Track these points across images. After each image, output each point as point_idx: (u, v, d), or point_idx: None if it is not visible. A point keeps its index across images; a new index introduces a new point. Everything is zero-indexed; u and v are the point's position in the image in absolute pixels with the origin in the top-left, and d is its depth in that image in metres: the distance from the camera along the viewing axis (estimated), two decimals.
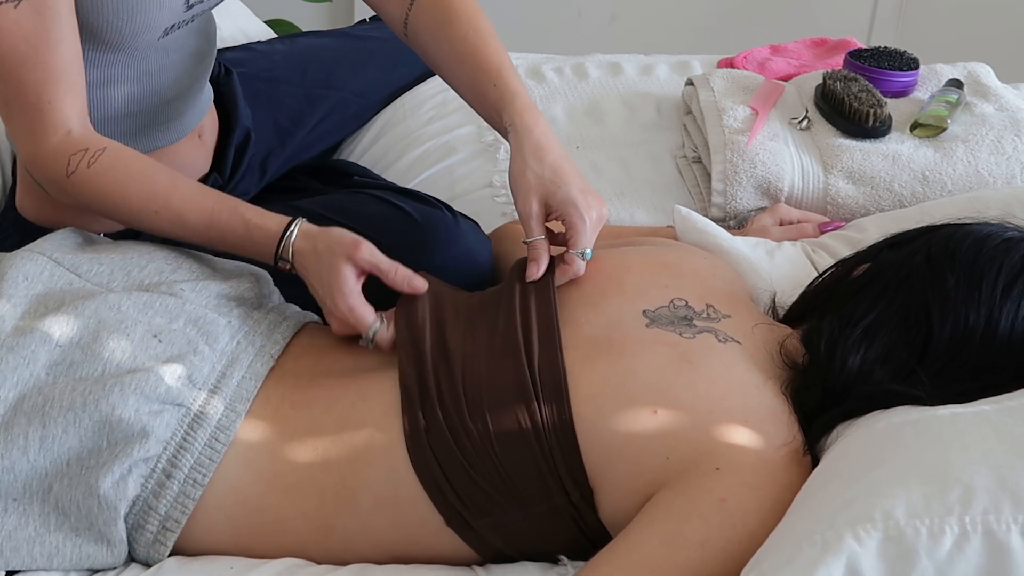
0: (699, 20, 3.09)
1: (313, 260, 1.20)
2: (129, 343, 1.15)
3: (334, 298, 1.18)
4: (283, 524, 1.11)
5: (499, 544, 1.09)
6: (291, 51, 1.75)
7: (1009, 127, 1.62)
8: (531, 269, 1.20)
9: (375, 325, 1.18)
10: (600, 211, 1.21)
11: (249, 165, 1.57)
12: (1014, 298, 1.09)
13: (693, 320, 1.15)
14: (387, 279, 1.20)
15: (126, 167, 1.24)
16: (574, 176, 1.21)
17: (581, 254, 1.19)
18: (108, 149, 1.23)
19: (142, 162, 1.26)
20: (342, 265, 1.18)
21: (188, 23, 1.36)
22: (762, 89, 1.70)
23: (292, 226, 1.22)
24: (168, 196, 1.23)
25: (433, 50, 1.35)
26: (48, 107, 1.22)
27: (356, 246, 1.19)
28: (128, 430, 1.09)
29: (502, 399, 1.08)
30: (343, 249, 1.19)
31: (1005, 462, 0.90)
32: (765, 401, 1.08)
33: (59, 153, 1.22)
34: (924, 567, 0.86)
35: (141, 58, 1.34)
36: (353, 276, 1.19)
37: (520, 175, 1.22)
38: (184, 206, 1.23)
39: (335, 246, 1.19)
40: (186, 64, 1.41)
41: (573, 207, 1.19)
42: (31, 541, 1.08)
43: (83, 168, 1.22)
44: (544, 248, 1.21)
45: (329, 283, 1.19)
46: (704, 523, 1.00)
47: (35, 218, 1.41)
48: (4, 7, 1.18)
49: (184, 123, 1.45)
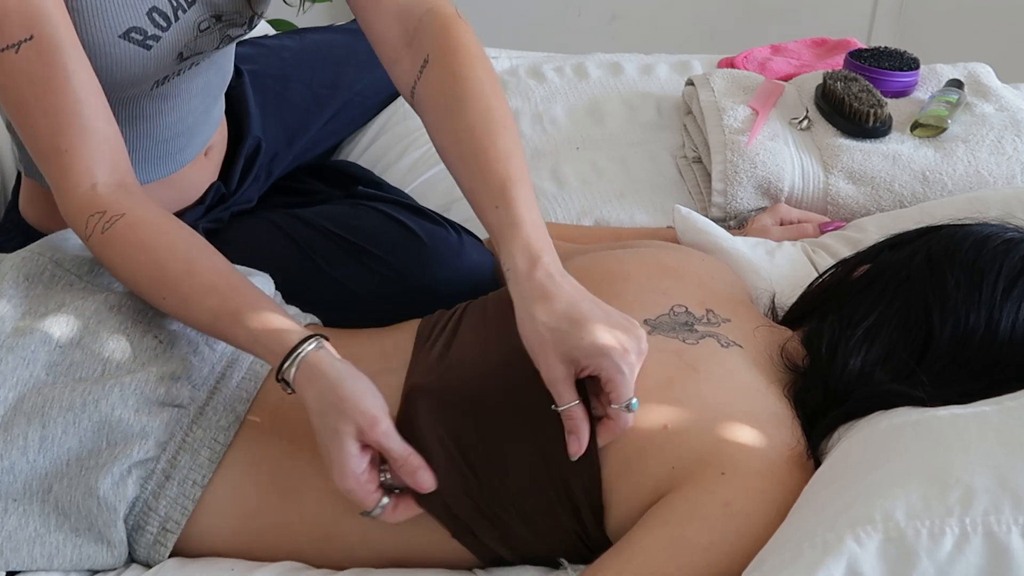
0: (699, 20, 3.10)
1: (317, 413, 1.04)
2: (129, 344, 1.15)
3: (332, 470, 1.03)
4: (282, 527, 1.11)
5: (502, 552, 1.09)
6: (300, 48, 1.74)
7: (1009, 127, 1.62)
8: (572, 445, 1.02)
9: (381, 504, 1.04)
10: (639, 346, 1.02)
11: (256, 174, 1.55)
12: (1014, 299, 1.09)
13: (694, 326, 1.15)
14: (394, 466, 1.04)
15: (139, 241, 1.13)
16: (594, 315, 1.02)
17: (626, 407, 1.01)
18: (126, 216, 1.13)
19: (161, 237, 1.14)
20: (347, 440, 1.02)
21: (187, 70, 1.31)
22: (762, 89, 1.70)
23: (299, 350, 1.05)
24: (177, 285, 1.12)
25: (436, 133, 1.19)
26: (66, 155, 1.13)
27: (373, 424, 1.02)
28: (127, 431, 1.09)
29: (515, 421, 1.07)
30: (355, 422, 1.02)
31: (1005, 463, 0.90)
32: (769, 405, 1.08)
33: (80, 212, 1.14)
34: (924, 568, 0.86)
35: (133, 106, 1.29)
36: (357, 451, 1.02)
37: (532, 333, 1.02)
38: (191, 298, 1.11)
39: (346, 412, 1.02)
40: (188, 104, 1.36)
41: (605, 358, 1.00)
42: (31, 541, 1.08)
43: (97, 233, 1.13)
44: (580, 417, 1.02)
45: (330, 452, 1.03)
46: (708, 527, 1.00)
47: (38, 225, 1.41)
48: (5, 54, 1.11)
49: (187, 154, 1.41)
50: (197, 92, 1.36)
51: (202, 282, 1.11)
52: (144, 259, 1.12)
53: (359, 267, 1.38)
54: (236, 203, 1.50)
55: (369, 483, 1.03)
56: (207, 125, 1.44)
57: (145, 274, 1.13)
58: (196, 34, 1.26)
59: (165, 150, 1.37)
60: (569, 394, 1.02)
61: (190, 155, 1.42)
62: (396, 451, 1.03)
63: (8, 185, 1.58)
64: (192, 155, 1.42)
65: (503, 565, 1.10)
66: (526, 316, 1.03)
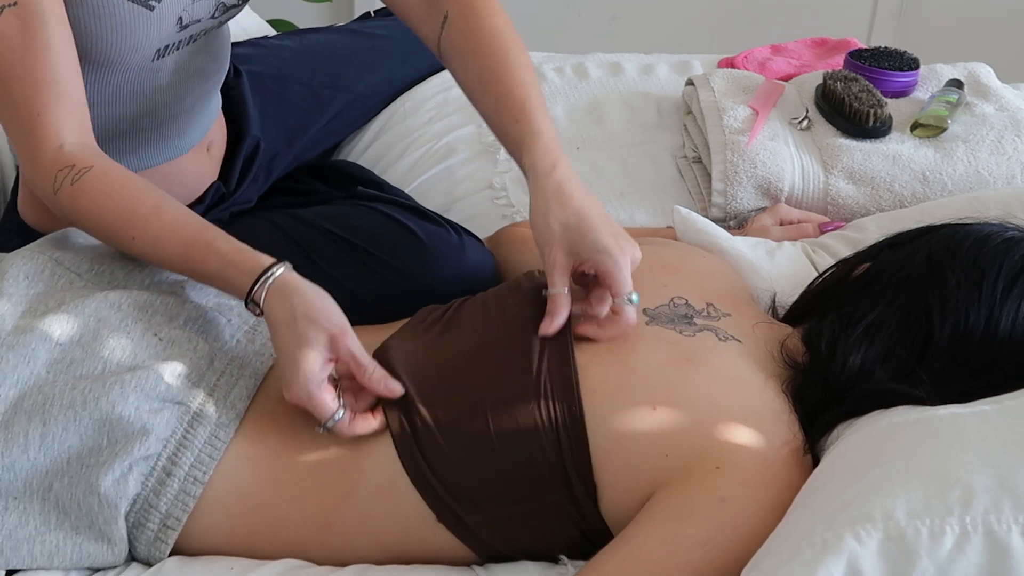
0: (699, 20, 3.10)
1: (284, 323, 1.09)
2: (129, 341, 1.15)
3: (294, 375, 1.07)
4: (284, 521, 1.11)
5: (495, 542, 1.09)
6: (299, 49, 1.74)
7: (1009, 127, 1.62)
8: (546, 322, 1.11)
9: (336, 415, 1.08)
10: (634, 254, 1.12)
11: (255, 174, 1.56)
12: (1014, 298, 1.09)
13: (693, 318, 1.15)
14: (362, 377, 1.09)
15: (108, 188, 1.17)
16: (604, 222, 1.12)
17: (629, 299, 1.10)
18: (95, 168, 1.17)
19: (128, 186, 1.18)
20: (315, 346, 1.07)
21: (187, 43, 1.33)
22: (762, 89, 1.70)
23: (270, 272, 1.11)
24: (147, 223, 1.16)
25: (461, 78, 1.30)
26: (38, 119, 1.17)
27: (343, 332, 1.08)
28: (128, 428, 1.09)
29: (506, 395, 1.08)
30: (322, 328, 1.07)
31: (1005, 462, 0.90)
32: (766, 400, 1.08)
33: (49, 168, 1.18)
34: (925, 567, 0.86)
35: (134, 79, 1.31)
36: (322, 360, 1.07)
37: (543, 224, 1.12)
38: (161, 235, 1.16)
39: (318, 320, 1.08)
40: (187, 84, 1.37)
41: (606, 254, 1.10)
42: (31, 540, 1.08)
43: (66, 186, 1.17)
44: (564, 302, 1.11)
45: (294, 357, 1.07)
46: (705, 523, 1.00)
47: (35, 225, 1.41)
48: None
49: (186, 140, 1.42)
50: (195, 73, 1.37)
51: (173, 218, 1.17)
52: (113, 204, 1.17)
53: (359, 267, 1.38)
54: (236, 203, 1.50)
55: (328, 392, 1.08)
56: (205, 114, 1.44)
57: (114, 217, 1.17)
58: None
59: (163, 133, 1.38)
60: (562, 281, 1.12)
61: (190, 141, 1.42)
62: (363, 360, 1.09)
63: (7, 185, 1.58)
64: (190, 143, 1.43)
65: (502, 561, 1.11)
66: (542, 209, 1.13)
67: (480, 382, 1.10)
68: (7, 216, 1.47)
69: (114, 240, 1.19)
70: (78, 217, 1.19)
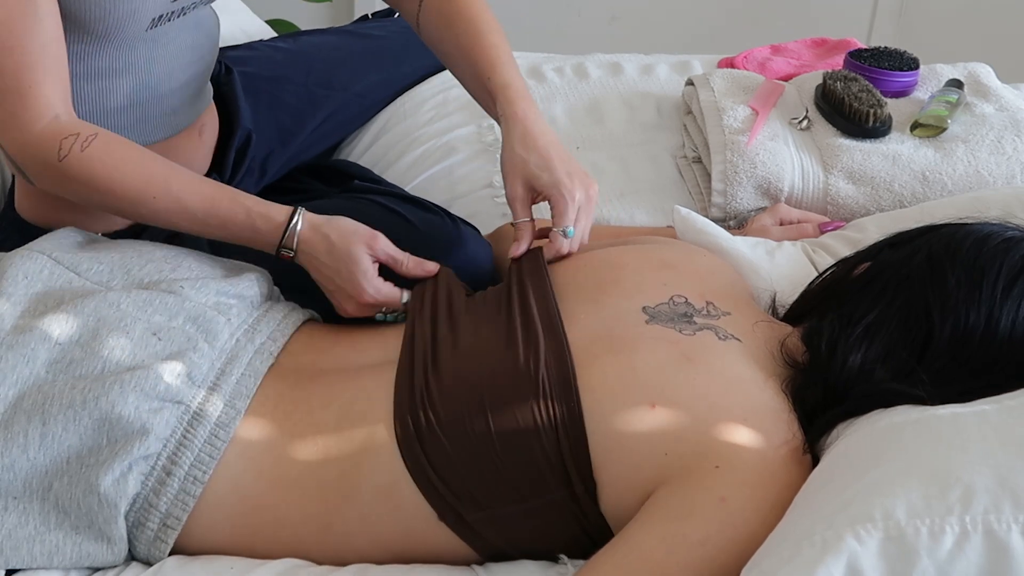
0: (699, 20, 3.10)
1: (325, 249, 1.24)
2: (129, 341, 1.15)
3: (359, 283, 1.24)
4: (284, 521, 1.11)
5: (496, 540, 1.09)
6: (294, 50, 1.75)
7: (1009, 127, 1.62)
8: (513, 247, 1.26)
9: (405, 295, 1.25)
10: (587, 191, 1.26)
11: (249, 166, 1.56)
12: (1014, 297, 1.09)
13: (693, 317, 1.15)
14: (400, 269, 1.27)
15: (121, 152, 1.23)
16: (562, 160, 1.26)
17: (563, 232, 1.25)
18: (100, 135, 1.22)
19: (136, 149, 1.25)
20: (362, 253, 1.24)
21: (179, 15, 1.35)
22: (762, 89, 1.70)
23: (296, 215, 1.25)
24: (167, 181, 1.23)
25: (439, 47, 1.42)
26: (29, 91, 1.20)
27: (375, 237, 1.25)
28: (128, 428, 1.09)
29: (506, 395, 1.08)
30: (361, 239, 1.24)
31: (1005, 462, 0.90)
32: (765, 399, 1.08)
33: (48, 137, 1.21)
34: (925, 566, 0.86)
35: (129, 50, 1.33)
36: (372, 264, 1.25)
37: (508, 161, 1.27)
38: (183, 192, 1.24)
39: (351, 236, 1.24)
40: (180, 58, 1.39)
41: (556, 188, 1.24)
42: (31, 539, 1.08)
43: (76, 152, 1.20)
44: (527, 228, 1.27)
45: (350, 270, 1.24)
46: (704, 522, 1.00)
47: (33, 218, 1.41)
48: None
49: (180, 119, 1.44)
50: (187, 48, 1.40)
51: (190, 176, 1.26)
52: (129, 167, 1.23)
53: None
54: None
55: (388, 284, 1.25)
56: (198, 96, 1.46)
57: (132, 180, 1.23)
58: None
59: (159, 109, 1.39)
60: (523, 212, 1.28)
61: (183, 120, 1.44)
62: (399, 255, 1.27)
63: (5, 185, 1.58)
64: (184, 122, 1.44)
65: (502, 560, 1.11)
66: (508, 146, 1.28)
67: (479, 380, 1.10)
68: (3, 215, 1.48)
69: (133, 202, 1.24)
70: (90, 181, 1.22)
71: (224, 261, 1.30)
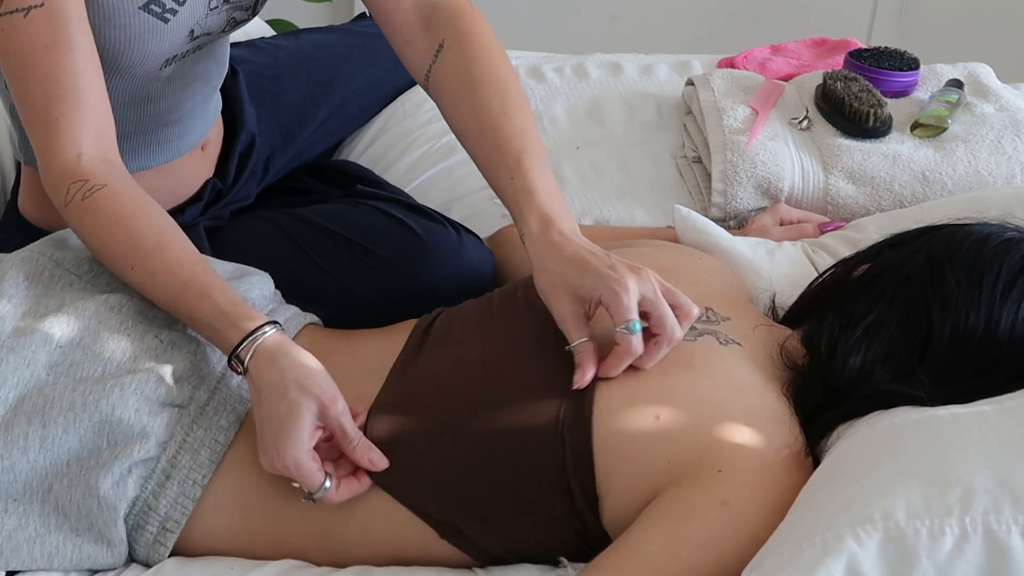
0: (699, 20, 3.09)
1: (272, 387, 1.07)
2: (130, 344, 1.15)
3: (283, 444, 1.05)
4: (282, 526, 1.11)
5: (496, 550, 1.09)
6: (295, 48, 1.74)
7: (1009, 127, 1.62)
8: (577, 375, 1.07)
9: (325, 486, 1.06)
10: (639, 274, 1.07)
11: (252, 170, 1.56)
12: (1014, 298, 1.09)
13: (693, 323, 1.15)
14: (347, 446, 1.07)
15: (116, 211, 1.15)
16: (598, 258, 1.09)
17: (626, 328, 1.06)
18: (107, 188, 1.15)
19: (138, 213, 1.16)
20: (307, 412, 1.05)
21: (192, 52, 1.33)
22: (762, 89, 1.70)
23: (263, 329, 1.09)
24: (148, 257, 1.14)
25: (452, 114, 1.26)
26: (56, 124, 1.15)
27: (334, 401, 1.06)
28: (128, 430, 1.09)
29: (512, 404, 1.08)
30: (315, 396, 1.06)
31: (1005, 463, 0.90)
32: (767, 403, 1.08)
33: (62, 178, 1.16)
34: (924, 567, 0.86)
35: (140, 85, 1.31)
36: (311, 429, 1.06)
37: (546, 285, 1.11)
38: (159, 271, 1.14)
39: (309, 387, 1.06)
40: (190, 88, 1.37)
41: (603, 285, 1.06)
42: (31, 541, 1.08)
43: (77, 200, 1.15)
44: (589, 351, 1.07)
45: (284, 422, 1.05)
46: (706, 525, 1.00)
47: (36, 219, 1.41)
48: (13, 17, 1.13)
49: (186, 142, 1.42)
50: (197, 78, 1.37)
51: (175, 258, 1.14)
52: (118, 230, 1.15)
53: (358, 265, 1.38)
54: (234, 199, 1.50)
55: (315, 462, 1.06)
56: (204, 118, 1.44)
57: (117, 244, 1.15)
58: (207, 12, 1.29)
59: (164, 135, 1.38)
60: (577, 331, 1.08)
61: (187, 144, 1.42)
62: (351, 431, 1.07)
63: (7, 185, 1.58)
64: (189, 145, 1.43)
65: (503, 564, 1.10)
66: (539, 267, 1.12)
67: (492, 398, 1.10)
68: (7, 215, 1.48)
69: (112, 265, 1.18)
70: (82, 234, 1.18)
71: (224, 264, 1.30)
